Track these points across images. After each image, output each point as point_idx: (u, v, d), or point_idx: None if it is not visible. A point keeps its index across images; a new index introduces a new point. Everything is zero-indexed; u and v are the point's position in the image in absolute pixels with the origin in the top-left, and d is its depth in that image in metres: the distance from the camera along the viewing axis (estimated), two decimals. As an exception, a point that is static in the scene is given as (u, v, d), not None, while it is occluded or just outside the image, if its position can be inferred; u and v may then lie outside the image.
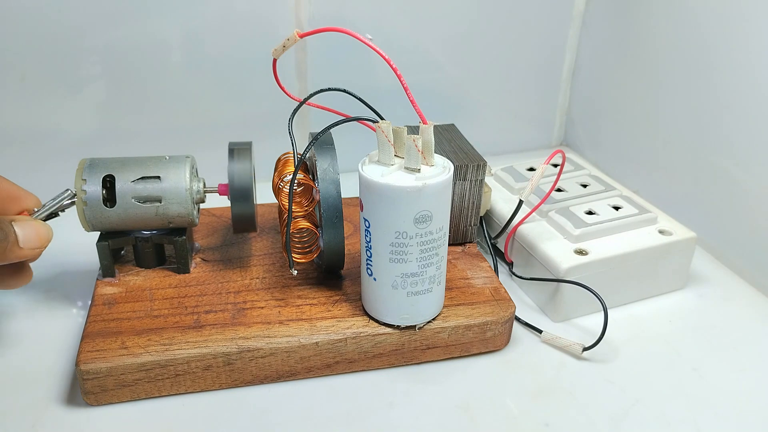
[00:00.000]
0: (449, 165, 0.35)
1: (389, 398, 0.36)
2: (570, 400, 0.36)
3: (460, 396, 0.36)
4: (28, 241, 0.33)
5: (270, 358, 0.35)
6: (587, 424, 0.35)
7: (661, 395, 0.37)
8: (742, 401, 0.36)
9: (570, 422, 0.35)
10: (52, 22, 0.48)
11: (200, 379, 0.35)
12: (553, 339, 0.40)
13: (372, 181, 0.33)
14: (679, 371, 0.39)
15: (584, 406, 0.36)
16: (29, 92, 0.50)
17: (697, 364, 0.39)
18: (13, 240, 0.33)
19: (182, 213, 0.39)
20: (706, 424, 0.35)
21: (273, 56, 0.37)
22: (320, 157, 0.37)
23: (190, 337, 0.35)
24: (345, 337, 0.36)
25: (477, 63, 0.55)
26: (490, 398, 0.36)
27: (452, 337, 0.38)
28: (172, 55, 0.52)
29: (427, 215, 0.33)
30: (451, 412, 0.35)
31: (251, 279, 0.41)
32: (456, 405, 0.36)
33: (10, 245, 0.33)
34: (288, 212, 0.36)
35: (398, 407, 0.36)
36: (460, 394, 0.37)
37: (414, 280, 0.35)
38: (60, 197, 0.38)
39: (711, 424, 0.35)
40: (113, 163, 0.38)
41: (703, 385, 0.38)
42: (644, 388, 0.37)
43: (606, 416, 0.35)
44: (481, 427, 0.35)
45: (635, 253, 0.42)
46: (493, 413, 0.35)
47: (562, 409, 0.36)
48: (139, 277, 0.40)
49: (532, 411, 0.36)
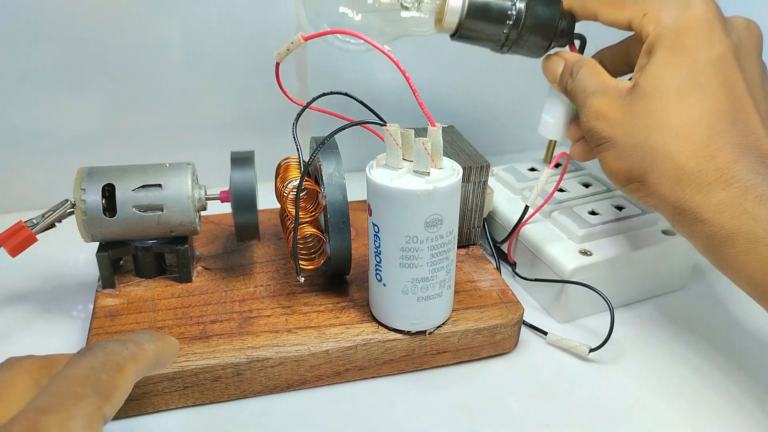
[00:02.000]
0: (458, 167, 0.34)
1: (398, 404, 0.36)
2: (570, 401, 0.36)
3: (462, 398, 0.36)
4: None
5: (279, 367, 0.35)
6: (587, 424, 0.35)
7: (661, 395, 0.37)
8: (742, 401, 0.37)
9: (570, 422, 0.35)
10: (53, 22, 0.47)
11: (209, 391, 0.35)
12: (558, 340, 0.40)
13: (382, 186, 0.32)
14: (679, 371, 0.39)
15: (585, 406, 0.36)
16: (29, 92, 0.49)
17: (697, 363, 0.39)
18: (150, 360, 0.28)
19: (184, 221, 0.38)
20: (706, 424, 0.35)
21: (276, 59, 0.36)
22: (325, 161, 0.37)
23: (197, 348, 0.35)
24: (355, 344, 0.36)
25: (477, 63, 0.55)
26: (494, 400, 0.36)
27: (462, 342, 0.37)
28: (172, 55, 0.51)
29: (437, 219, 0.33)
30: (453, 413, 0.35)
31: (255, 287, 0.40)
32: (457, 406, 0.36)
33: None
34: (295, 219, 0.35)
35: (404, 410, 0.35)
36: (463, 396, 0.36)
37: (424, 284, 0.35)
38: (58, 208, 0.37)
39: (711, 424, 0.35)
40: (112, 171, 0.38)
41: (704, 384, 0.38)
42: (644, 388, 0.37)
43: (606, 416, 0.35)
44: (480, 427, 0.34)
45: (639, 254, 0.42)
46: (495, 414, 0.35)
47: (562, 409, 0.36)
48: (140, 288, 0.40)
49: (533, 411, 0.36)
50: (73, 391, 0.22)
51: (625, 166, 0.35)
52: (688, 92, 0.34)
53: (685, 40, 0.34)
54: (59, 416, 0.21)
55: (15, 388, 0.23)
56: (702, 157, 0.33)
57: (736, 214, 0.31)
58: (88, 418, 0.21)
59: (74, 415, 0.21)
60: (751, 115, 0.33)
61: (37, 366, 0.25)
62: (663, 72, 0.34)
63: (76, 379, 0.23)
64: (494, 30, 0.39)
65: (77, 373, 0.23)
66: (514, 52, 0.41)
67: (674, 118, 0.34)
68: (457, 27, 0.40)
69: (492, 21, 0.39)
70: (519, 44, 0.40)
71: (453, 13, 0.39)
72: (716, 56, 0.34)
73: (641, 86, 0.35)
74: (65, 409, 0.21)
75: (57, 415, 0.21)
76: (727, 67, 0.34)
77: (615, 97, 0.36)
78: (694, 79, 0.34)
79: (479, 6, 0.39)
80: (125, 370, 0.24)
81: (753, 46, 0.36)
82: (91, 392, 0.22)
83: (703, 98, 0.33)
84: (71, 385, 0.22)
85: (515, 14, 0.39)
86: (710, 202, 0.32)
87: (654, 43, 0.35)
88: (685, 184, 0.33)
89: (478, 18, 0.39)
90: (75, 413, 0.21)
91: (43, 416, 0.21)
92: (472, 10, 0.39)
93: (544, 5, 0.39)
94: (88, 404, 0.22)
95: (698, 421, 0.35)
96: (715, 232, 0.32)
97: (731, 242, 0.32)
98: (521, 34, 0.39)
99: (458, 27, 0.40)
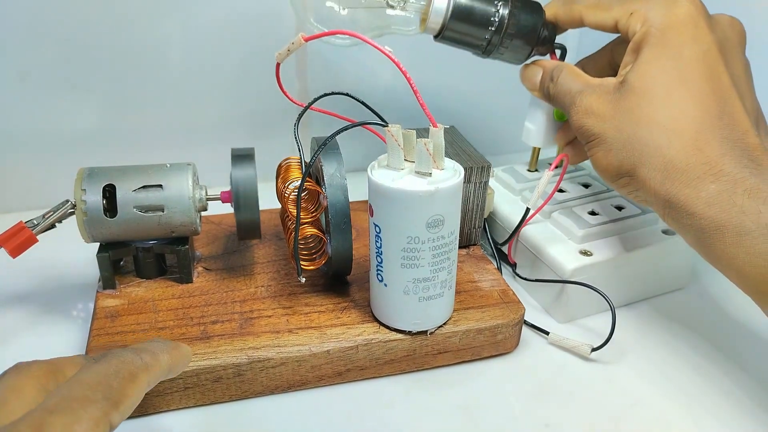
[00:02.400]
0: (459, 168, 0.34)
1: (399, 404, 0.36)
2: (571, 400, 0.36)
3: (463, 398, 0.36)
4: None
5: (281, 367, 0.35)
6: (587, 424, 0.35)
7: (661, 395, 0.37)
8: (743, 400, 0.37)
9: (570, 422, 0.35)
10: (53, 22, 0.47)
11: (210, 392, 0.34)
12: (560, 340, 0.40)
13: (383, 186, 0.32)
14: (679, 370, 0.39)
15: (585, 406, 0.36)
16: (29, 92, 0.49)
17: (698, 363, 0.39)
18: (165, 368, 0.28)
19: (185, 222, 0.38)
20: (707, 423, 0.35)
21: (277, 60, 0.36)
22: (326, 162, 0.37)
23: (198, 348, 0.35)
24: (356, 344, 0.36)
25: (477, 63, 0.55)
26: (495, 400, 0.36)
27: (463, 342, 0.37)
28: (171, 56, 0.51)
29: (439, 219, 0.33)
30: (454, 413, 0.35)
31: (256, 287, 0.40)
32: (459, 406, 0.36)
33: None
34: (296, 220, 0.35)
35: (405, 411, 0.35)
36: (464, 396, 0.36)
37: (426, 285, 0.35)
38: (59, 209, 0.37)
39: (711, 424, 0.35)
40: (113, 171, 0.38)
41: (705, 384, 0.38)
42: (645, 387, 0.37)
43: (606, 416, 0.35)
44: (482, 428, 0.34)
45: (639, 254, 0.42)
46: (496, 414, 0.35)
47: (563, 409, 0.36)
48: (141, 288, 0.39)
49: (534, 411, 0.36)
50: (82, 395, 0.22)
51: (615, 161, 0.36)
52: (676, 87, 0.34)
53: (671, 36, 0.34)
54: (66, 418, 0.21)
55: (23, 393, 0.23)
56: (690, 150, 0.33)
57: (726, 207, 0.32)
58: (94, 422, 0.21)
59: (81, 418, 0.21)
60: (737, 109, 0.34)
61: (44, 371, 0.25)
62: (650, 68, 0.35)
63: (87, 384, 0.23)
64: (477, 33, 0.40)
65: (89, 378, 0.23)
66: (495, 57, 0.42)
67: (662, 113, 0.34)
68: (440, 28, 0.40)
69: (475, 24, 0.40)
70: (500, 50, 0.41)
71: (437, 14, 0.40)
72: (702, 52, 0.34)
73: (629, 82, 0.35)
74: (72, 411, 0.21)
75: (63, 417, 0.21)
76: (713, 62, 0.34)
77: (602, 93, 0.36)
78: (680, 75, 0.34)
79: (463, 9, 0.39)
80: (138, 380, 0.24)
81: (737, 43, 0.36)
82: (100, 398, 0.22)
83: (690, 93, 0.34)
84: (82, 389, 0.22)
85: (498, 20, 0.40)
86: (699, 196, 0.32)
87: (641, 41, 0.35)
88: (674, 177, 0.33)
89: (461, 20, 0.40)
90: (81, 416, 0.21)
91: (49, 416, 0.21)
92: (456, 12, 0.40)
93: (527, 13, 0.40)
94: (96, 409, 0.22)
95: (699, 421, 0.35)
96: (704, 225, 0.32)
97: (721, 235, 0.32)
98: (503, 39, 0.40)
99: (442, 28, 0.40)
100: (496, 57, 0.42)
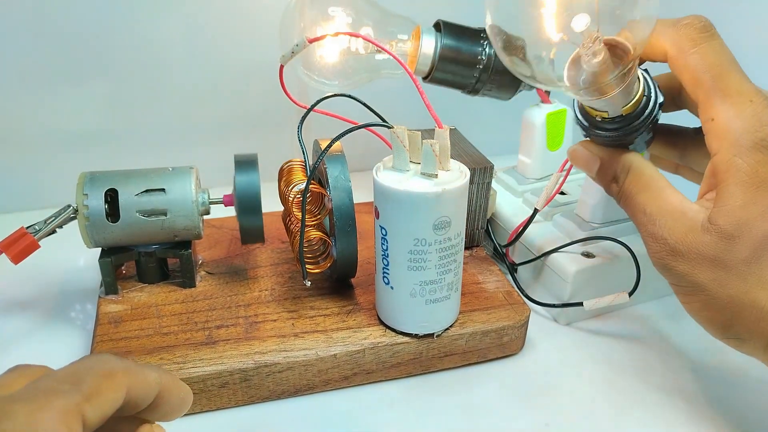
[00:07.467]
0: (465, 169, 0.34)
1: (406, 408, 0.35)
2: (571, 401, 0.36)
3: (470, 400, 0.36)
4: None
5: (287, 372, 0.35)
6: (587, 424, 0.35)
7: (663, 394, 0.37)
8: (749, 399, 0.37)
9: (571, 422, 0.35)
10: (53, 23, 0.47)
11: (216, 397, 0.34)
12: (596, 303, 0.39)
13: (389, 188, 0.32)
14: (682, 370, 0.39)
15: (585, 406, 0.36)
16: (29, 92, 0.48)
17: (698, 363, 0.39)
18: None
19: (188, 226, 0.37)
20: (709, 423, 0.35)
21: (281, 62, 0.36)
22: (330, 164, 0.36)
23: (203, 354, 0.34)
24: (363, 347, 0.35)
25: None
26: (501, 401, 0.36)
27: (470, 344, 0.37)
28: (173, 57, 0.51)
29: (446, 221, 0.33)
30: (461, 416, 0.35)
31: (260, 291, 0.40)
32: (465, 408, 0.36)
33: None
34: (301, 223, 0.35)
35: (412, 414, 0.35)
36: (471, 399, 0.36)
37: (432, 287, 0.34)
38: (61, 214, 0.36)
39: (715, 423, 0.35)
40: (114, 176, 0.37)
41: (709, 383, 0.38)
42: (647, 387, 0.37)
43: (606, 416, 0.35)
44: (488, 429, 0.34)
45: (641, 255, 0.42)
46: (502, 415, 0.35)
47: (563, 409, 0.36)
48: (144, 293, 0.39)
49: (536, 411, 0.36)
50: (50, 386, 0.21)
51: (720, 318, 0.31)
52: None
53: (763, 172, 0.29)
54: (29, 406, 0.20)
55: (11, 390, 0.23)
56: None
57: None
58: (62, 413, 0.20)
59: (45, 407, 0.20)
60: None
61: (40, 374, 0.24)
62: (748, 214, 0.29)
63: (56, 378, 0.22)
64: (466, 72, 0.42)
65: (60, 373, 0.23)
66: (484, 94, 0.44)
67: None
68: (429, 70, 0.42)
69: (463, 64, 0.42)
70: (488, 87, 0.43)
71: (425, 58, 0.41)
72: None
73: (724, 229, 0.29)
74: (37, 400, 0.20)
75: (27, 405, 0.20)
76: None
77: (689, 231, 0.30)
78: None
79: (451, 49, 0.41)
80: (114, 378, 0.23)
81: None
82: (69, 389, 0.21)
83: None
84: (50, 382, 0.22)
85: (485, 59, 0.41)
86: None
87: (725, 171, 0.30)
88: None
89: (450, 61, 0.41)
90: (46, 405, 0.20)
91: (13, 405, 0.20)
92: (444, 54, 0.41)
93: None
94: (65, 399, 0.21)
95: (702, 421, 0.35)
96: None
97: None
98: (491, 76, 0.42)
99: (431, 70, 0.42)
100: (485, 94, 0.43)
